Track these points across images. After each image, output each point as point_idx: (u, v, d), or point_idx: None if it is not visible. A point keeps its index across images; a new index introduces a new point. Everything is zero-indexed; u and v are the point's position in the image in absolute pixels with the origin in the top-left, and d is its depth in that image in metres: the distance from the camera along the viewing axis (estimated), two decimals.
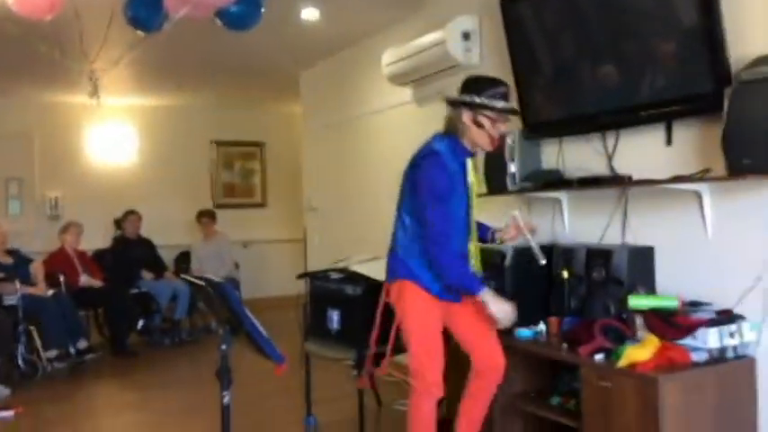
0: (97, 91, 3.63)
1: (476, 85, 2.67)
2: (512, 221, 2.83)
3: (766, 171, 2.34)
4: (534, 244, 2.78)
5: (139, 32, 3.40)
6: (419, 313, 2.74)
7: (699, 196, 2.78)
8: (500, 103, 2.60)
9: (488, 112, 2.61)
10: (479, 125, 2.63)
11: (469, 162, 2.74)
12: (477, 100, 2.60)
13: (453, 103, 2.69)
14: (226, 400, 2.37)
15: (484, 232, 2.89)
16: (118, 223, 7.29)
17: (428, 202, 2.63)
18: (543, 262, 2.79)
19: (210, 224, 7.44)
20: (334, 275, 4.01)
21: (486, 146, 2.70)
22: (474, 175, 2.76)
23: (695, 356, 2.49)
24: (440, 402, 2.83)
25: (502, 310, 2.61)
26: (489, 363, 2.79)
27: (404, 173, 2.80)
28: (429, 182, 2.64)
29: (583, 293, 3.05)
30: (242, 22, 3.57)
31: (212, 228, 7.44)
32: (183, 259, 7.55)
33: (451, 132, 2.70)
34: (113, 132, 7.88)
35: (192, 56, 5.91)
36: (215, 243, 7.37)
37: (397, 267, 2.78)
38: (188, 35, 4.96)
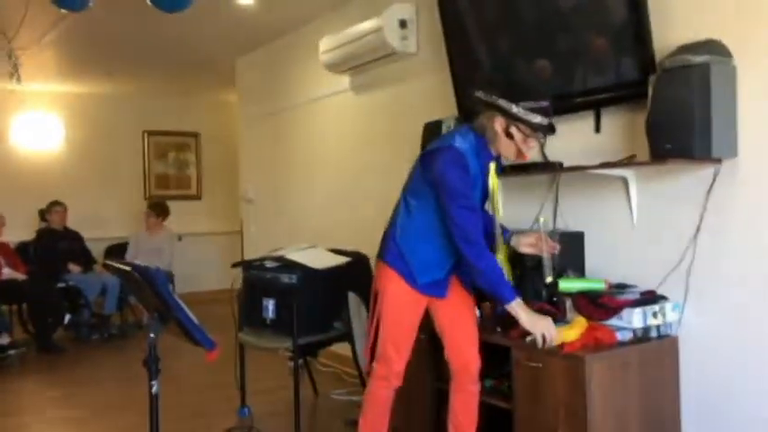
0: (18, 71, 3.45)
1: (516, 94, 2.49)
2: (537, 230, 2.67)
3: (687, 155, 2.42)
4: (548, 263, 2.66)
5: (62, 11, 3.25)
6: (397, 305, 2.68)
7: (625, 182, 2.87)
8: (537, 118, 2.41)
9: (522, 126, 2.43)
10: (510, 136, 2.46)
11: (492, 166, 2.60)
12: (514, 109, 2.41)
13: (487, 106, 2.50)
14: (154, 389, 2.29)
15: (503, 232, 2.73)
16: (42, 214, 6.98)
17: (452, 200, 2.47)
18: (549, 280, 2.70)
19: (152, 218, 7.17)
20: (270, 264, 3.95)
21: (512, 157, 2.54)
22: (495, 179, 2.61)
23: (620, 336, 2.56)
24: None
25: (535, 324, 2.45)
26: (458, 362, 2.75)
27: (419, 156, 2.68)
28: (449, 178, 2.47)
29: (516, 278, 3.10)
30: (174, 3, 3.47)
31: (155, 222, 7.18)
32: (114, 252, 7.29)
33: (480, 133, 2.54)
34: (38, 120, 7.55)
35: (123, 41, 5.70)
36: (158, 237, 7.15)
37: (387, 249, 2.69)
38: (118, 18, 4.79)
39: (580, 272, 2.98)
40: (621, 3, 2.74)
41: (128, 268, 2.38)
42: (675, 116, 2.41)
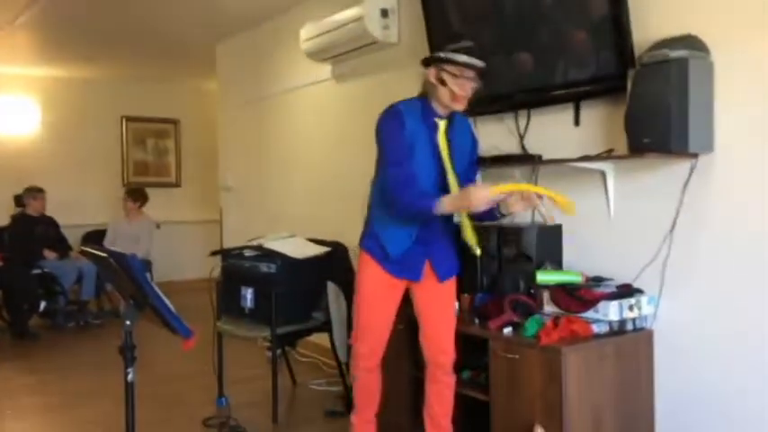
0: None
1: (443, 42, 2.58)
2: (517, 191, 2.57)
3: (664, 149, 2.44)
4: (543, 210, 2.54)
5: None
6: (368, 287, 2.71)
7: (603, 175, 2.89)
8: (461, 57, 2.47)
9: (450, 67, 2.48)
10: (443, 82, 2.51)
11: (441, 125, 2.61)
12: (440, 54, 2.51)
13: (424, 63, 2.59)
14: (130, 377, 2.28)
15: (488, 211, 2.62)
16: (18, 200, 6.87)
17: (386, 159, 2.56)
18: (551, 223, 2.67)
19: (128, 203, 7.06)
20: (249, 253, 3.94)
21: (450, 103, 2.55)
22: (443, 137, 2.61)
23: (596, 328, 2.59)
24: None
25: (464, 199, 2.39)
26: (432, 352, 2.76)
27: None
28: (383, 136, 2.57)
29: (495, 270, 3.12)
30: None
31: (132, 208, 7.06)
32: (92, 239, 7.20)
33: (423, 94, 2.62)
34: (12, 103, 7.44)
35: (101, 24, 5.61)
36: (136, 224, 7.04)
37: (363, 234, 2.75)
38: (95, 0, 4.71)
39: (557, 264, 3.00)
40: None
41: (104, 254, 2.36)
42: (653, 110, 2.43)
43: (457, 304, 3.15)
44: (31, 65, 7.22)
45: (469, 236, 2.66)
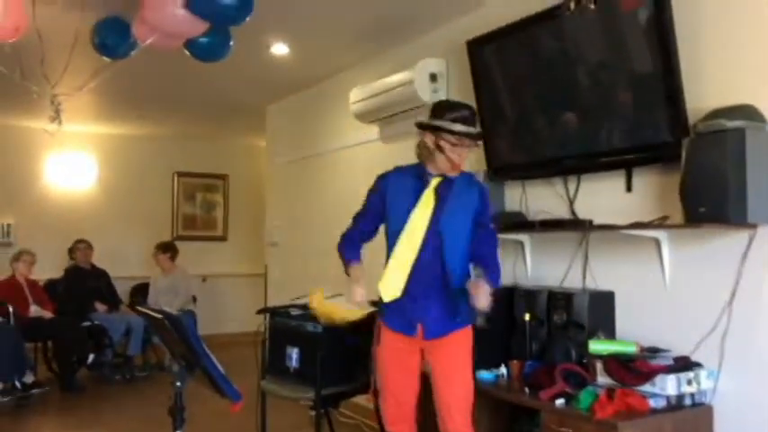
0: (59, 116, 3.55)
1: (439, 108, 2.67)
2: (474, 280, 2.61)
3: (721, 220, 2.40)
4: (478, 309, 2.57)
5: (105, 59, 3.35)
6: (380, 348, 2.75)
7: (657, 243, 2.83)
8: (458, 127, 2.55)
9: (448, 136, 2.56)
10: (440, 149, 2.60)
11: (434, 182, 2.67)
12: (436, 122, 2.58)
13: (420, 127, 2.69)
14: None
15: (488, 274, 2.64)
16: (71, 253, 7.08)
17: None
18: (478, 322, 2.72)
19: (162, 258, 7.22)
20: (295, 312, 3.95)
21: (448, 170, 2.64)
22: (430, 193, 2.66)
23: (653, 403, 2.50)
24: None
25: (352, 291, 2.67)
26: (439, 418, 2.69)
27: None
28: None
29: (544, 337, 3.06)
30: (211, 53, 3.56)
31: (166, 262, 7.21)
32: (139, 292, 7.34)
33: (419, 158, 2.72)
34: (72, 160, 7.75)
35: (157, 85, 5.86)
36: (171, 277, 7.19)
37: None
38: (154, 65, 4.93)
39: (610, 333, 2.93)
40: (651, 63, 2.75)
41: (159, 316, 2.40)
42: (710, 181, 2.40)
43: (505, 370, 3.09)
44: (90, 123, 7.54)
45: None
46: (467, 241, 2.68)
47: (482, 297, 2.50)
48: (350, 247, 2.82)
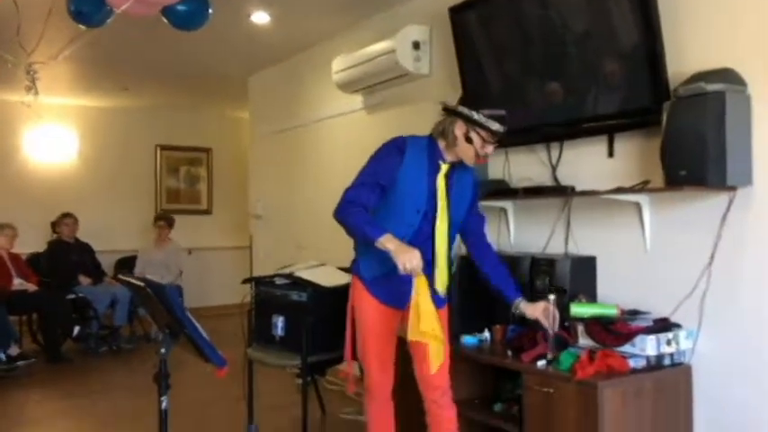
0: (35, 86, 3.49)
1: (476, 102, 2.67)
2: (545, 306, 2.64)
3: (701, 182, 2.42)
4: (551, 339, 2.66)
5: (81, 26, 3.29)
6: (365, 317, 2.75)
7: (638, 207, 2.86)
8: (495, 125, 2.56)
9: (482, 131, 2.57)
10: (469, 140, 2.59)
11: (444, 168, 2.66)
12: (476, 116, 2.57)
13: (449, 112, 2.65)
14: (164, 405, 2.29)
15: (509, 290, 2.74)
16: (54, 226, 7.03)
17: (358, 178, 2.66)
18: (549, 356, 2.69)
19: (166, 229, 7.26)
20: (280, 281, 3.96)
21: (470, 161, 2.65)
22: (443, 181, 2.66)
23: (633, 363, 2.54)
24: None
25: (399, 254, 2.44)
26: (423, 386, 2.73)
27: None
28: (371, 157, 2.68)
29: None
30: (189, 21, 3.50)
31: (166, 233, 7.26)
32: (125, 265, 7.33)
33: (435, 137, 2.67)
34: (52, 133, 7.64)
35: (137, 56, 5.77)
36: (165, 250, 7.20)
37: (354, 260, 2.82)
38: (132, 35, 4.85)
39: (592, 297, 2.97)
40: (634, 29, 2.75)
41: (141, 284, 2.39)
42: (690, 144, 2.42)
43: (488, 335, 3.15)
44: (70, 95, 7.43)
45: (439, 283, 2.69)
46: (466, 227, 2.78)
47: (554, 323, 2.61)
48: (367, 222, 2.56)
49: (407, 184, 2.62)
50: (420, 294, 2.49)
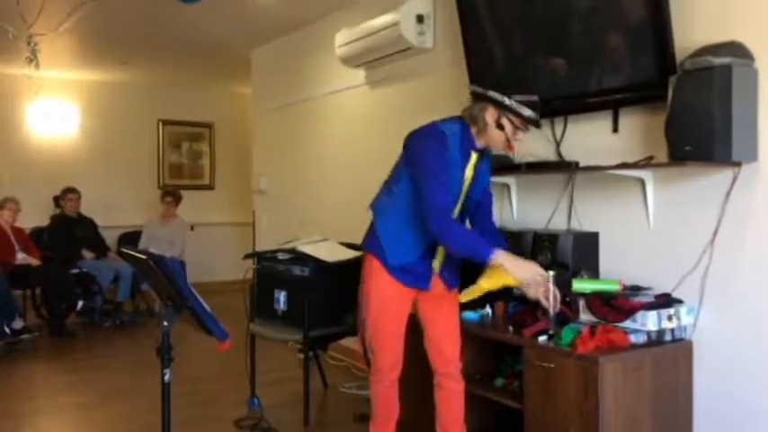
0: (36, 58, 3.46)
1: (508, 88, 2.60)
2: (544, 281, 2.55)
3: (706, 158, 2.40)
4: (553, 317, 2.61)
5: None
6: (379, 294, 2.71)
7: (642, 183, 2.85)
8: (527, 111, 2.51)
9: (513, 117, 2.52)
10: (501, 127, 2.54)
11: (474, 156, 2.65)
12: (507, 102, 2.51)
13: (480, 97, 2.58)
14: (167, 377, 2.31)
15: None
16: (57, 201, 7.04)
17: (427, 179, 2.52)
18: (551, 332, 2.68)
19: (173, 206, 7.26)
20: (282, 256, 3.97)
21: (500, 148, 2.62)
22: (471, 170, 2.66)
23: (634, 338, 2.55)
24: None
25: (523, 269, 2.46)
26: (437, 360, 2.76)
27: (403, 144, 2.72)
28: (427, 157, 2.55)
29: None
30: None
31: (173, 210, 7.26)
32: (127, 240, 7.34)
33: (467, 123, 2.62)
34: (54, 107, 7.61)
35: (140, 30, 5.72)
36: (171, 226, 7.21)
37: (369, 237, 2.76)
38: (135, 7, 4.81)
39: (594, 272, 2.97)
40: (641, 2, 2.71)
41: (143, 257, 2.40)
42: (695, 118, 2.39)
43: (490, 310, 3.16)
44: (72, 69, 7.38)
45: (438, 261, 2.70)
46: (479, 205, 2.79)
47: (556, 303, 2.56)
48: (469, 236, 2.55)
49: (450, 175, 2.57)
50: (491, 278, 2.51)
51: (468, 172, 2.65)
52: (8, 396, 4.32)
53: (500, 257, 2.44)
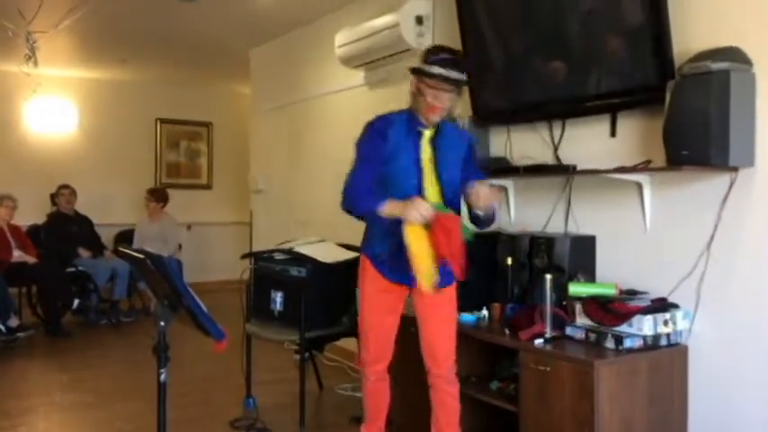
0: (34, 55, 3.45)
1: (425, 52, 2.61)
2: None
3: (703, 162, 2.40)
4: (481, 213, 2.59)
5: None
6: (366, 290, 2.76)
7: (639, 187, 2.85)
8: (436, 69, 2.48)
9: (426, 79, 2.51)
10: (421, 93, 2.55)
11: (427, 133, 2.64)
12: (417, 65, 2.54)
13: (411, 72, 2.63)
14: (162, 377, 2.30)
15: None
16: (53, 198, 7.02)
17: (352, 165, 2.66)
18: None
19: (152, 203, 7.22)
20: (279, 256, 3.96)
21: (426, 113, 2.58)
22: (428, 151, 2.64)
23: (629, 343, 2.55)
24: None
25: (406, 210, 2.45)
26: (431, 362, 2.74)
27: None
28: (356, 144, 2.68)
29: (525, 280, 3.10)
30: None
31: (156, 208, 7.23)
32: (123, 239, 7.33)
33: (411, 106, 2.66)
34: (52, 105, 7.60)
35: (139, 29, 5.71)
36: (159, 223, 7.18)
37: (362, 241, 2.83)
38: (135, 6, 4.80)
39: (590, 276, 2.98)
40: (640, 7, 2.72)
41: (141, 256, 2.39)
42: (693, 123, 2.40)
43: (486, 312, 3.15)
44: (70, 66, 7.37)
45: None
46: (462, 184, 2.66)
47: (483, 194, 2.50)
48: (365, 197, 2.59)
49: (399, 160, 2.61)
50: (413, 242, 2.49)
51: (425, 150, 2.64)
52: (3, 394, 4.31)
53: (385, 208, 2.50)
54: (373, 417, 2.85)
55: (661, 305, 2.64)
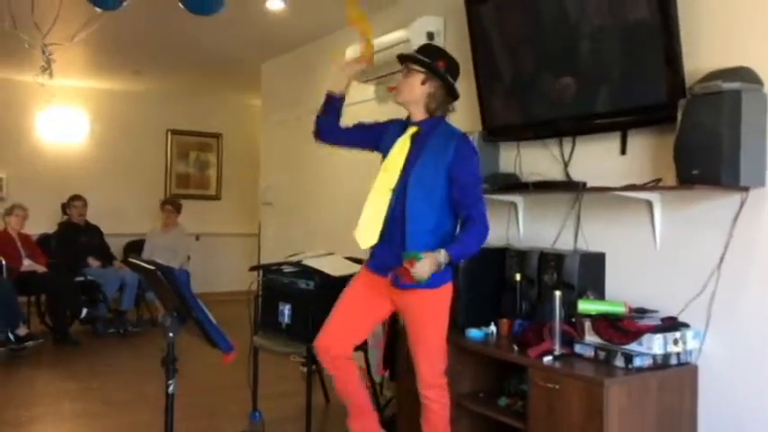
0: (50, 66, 3.50)
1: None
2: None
3: (714, 182, 2.40)
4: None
5: (97, 9, 3.30)
6: (354, 280, 2.88)
7: (650, 205, 2.85)
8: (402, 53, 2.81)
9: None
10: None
11: (411, 129, 2.75)
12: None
13: None
14: (171, 389, 2.31)
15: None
16: (64, 208, 7.07)
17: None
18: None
19: (173, 214, 7.27)
20: (288, 269, 3.97)
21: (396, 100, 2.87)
22: (406, 145, 2.70)
23: (639, 362, 2.53)
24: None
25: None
26: (417, 373, 2.72)
27: None
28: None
29: (534, 297, 3.09)
30: (204, 6, 3.51)
31: (174, 218, 7.27)
32: (133, 249, 7.36)
33: None
34: (65, 115, 7.68)
35: (151, 41, 5.78)
36: (171, 235, 7.22)
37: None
38: (149, 18, 4.86)
39: (600, 293, 2.96)
40: (651, 25, 2.72)
41: (152, 267, 2.40)
42: (704, 142, 2.40)
43: (494, 328, 3.13)
44: (84, 78, 7.45)
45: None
46: (438, 198, 2.60)
47: (418, 270, 2.42)
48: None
49: (387, 151, 2.79)
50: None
51: (401, 144, 2.72)
52: (11, 403, 4.32)
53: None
54: (358, 412, 2.84)
55: (671, 324, 2.63)
